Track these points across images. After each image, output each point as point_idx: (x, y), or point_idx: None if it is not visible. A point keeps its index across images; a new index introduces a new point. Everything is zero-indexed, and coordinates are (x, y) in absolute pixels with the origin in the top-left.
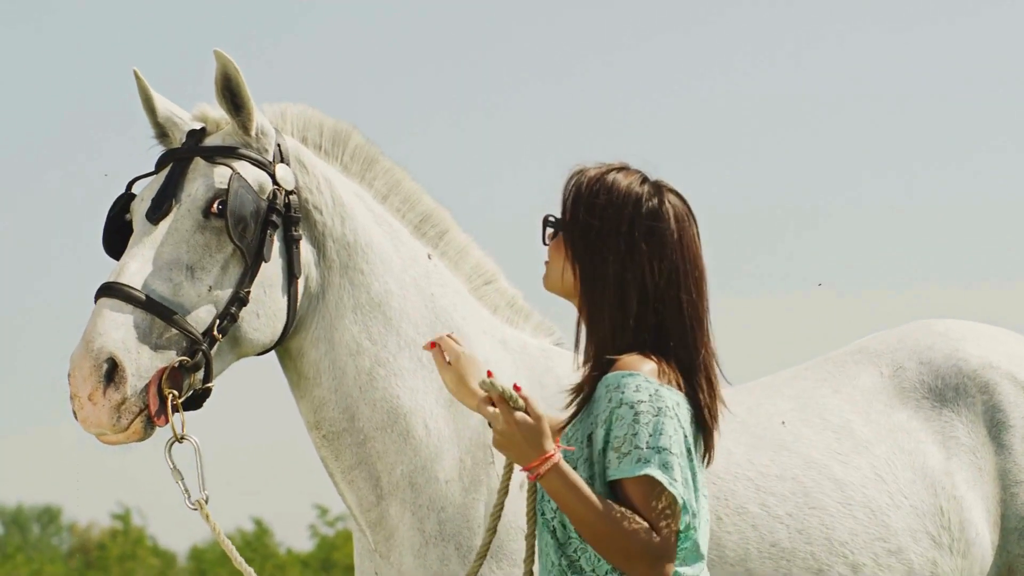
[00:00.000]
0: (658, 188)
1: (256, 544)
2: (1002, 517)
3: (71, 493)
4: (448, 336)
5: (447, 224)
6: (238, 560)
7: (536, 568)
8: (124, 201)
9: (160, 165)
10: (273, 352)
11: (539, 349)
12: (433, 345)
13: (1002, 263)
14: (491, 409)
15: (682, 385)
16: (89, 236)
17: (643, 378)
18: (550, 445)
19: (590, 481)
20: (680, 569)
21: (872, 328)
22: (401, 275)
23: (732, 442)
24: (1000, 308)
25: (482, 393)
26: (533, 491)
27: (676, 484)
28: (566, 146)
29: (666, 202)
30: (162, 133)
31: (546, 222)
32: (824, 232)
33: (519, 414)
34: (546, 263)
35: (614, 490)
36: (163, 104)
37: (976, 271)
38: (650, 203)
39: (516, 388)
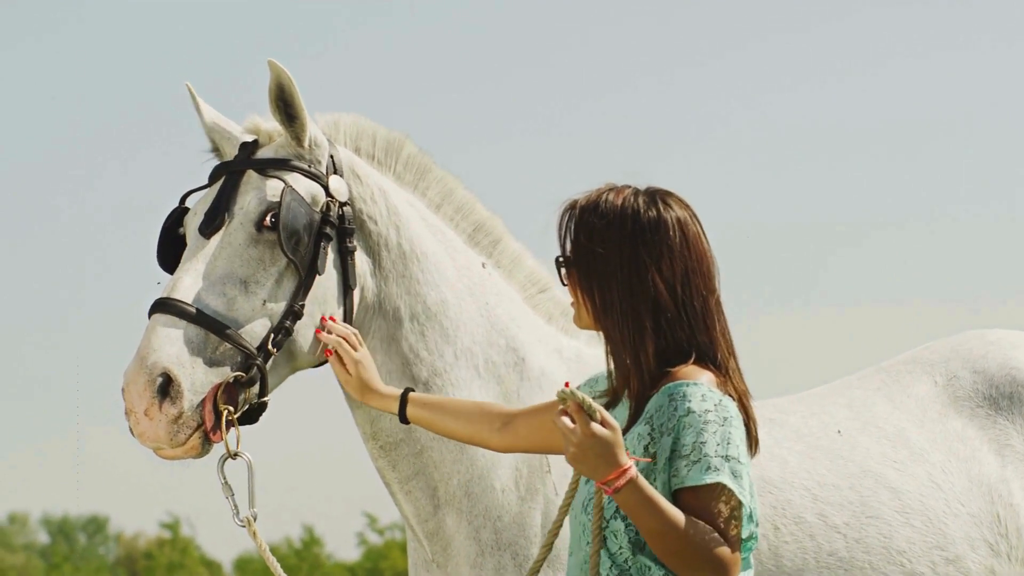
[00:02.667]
0: (653, 197)
1: (304, 553)
2: None
3: (118, 503)
4: (341, 331)
5: (500, 233)
6: None
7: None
8: (177, 215)
9: (213, 178)
10: (328, 362)
11: (595, 358)
12: (329, 353)
13: None
14: (567, 422)
15: (734, 393)
16: (148, 237)
17: (706, 387)
18: (625, 458)
19: None
20: None
21: (923, 340)
22: (456, 284)
23: (788, 451)
24: None
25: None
26: (600, 506)
27: (745, 493)
28: (615, 159)
29: (664, 209)
30: (213, 146)
31: (557, 263)
32: (876, 247)
33: (595, 426)
34: (572, 304)
35: (678, 499)
36: (209, 116)
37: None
38: (649, 214)
39: (590, 400)
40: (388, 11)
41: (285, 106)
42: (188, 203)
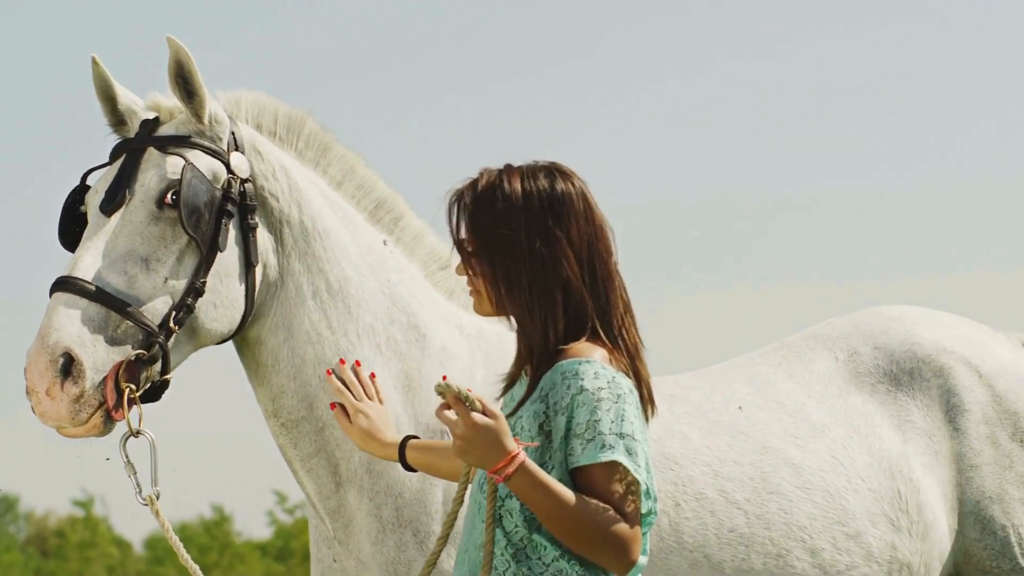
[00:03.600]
0: (550, 172)
1: (216, 531)
2: (958, 501)
3: (29, 481)
4: (349, 378)
5: (402, 210)
6: (184, 556)
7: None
8: (78, 193)
9: (114, 156)
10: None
11: (495, 334)
12: (334, 406)
13: (953, 253)
14: (450, 415)
15: (628, 367)
16: (43, 231)
17: (599, 365)
18: (512, 444)
19: (544, 469)
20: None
21: (824, 316)
22: (358, 261)
23: (688, 427)
24: (950, 297)
25: (392, 439)
26: (493, 495)
27: (640, 470)
28: (532, 140)
29: (564, 182)
30: (119, 122)
31: (460, 250)
32: (780, 225)
33: (477, 416)
34: (471, 292)
35: (574, 477)
36: (123, 93)
37: (926, 262)
38: (555, 189)
39: (468, 391)
40: None
41: (184, 83)
42: (89, 181)
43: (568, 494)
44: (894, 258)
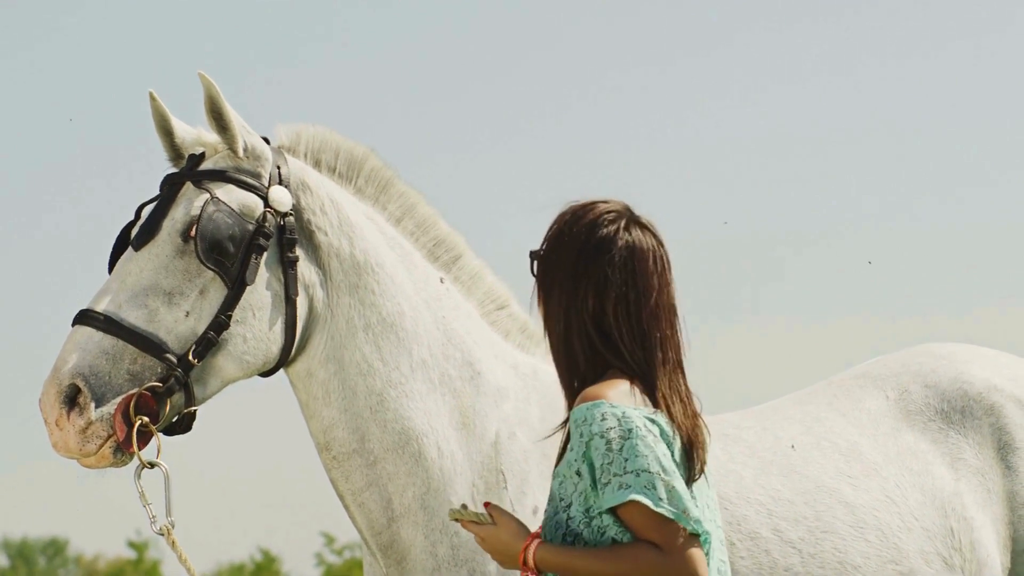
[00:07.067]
0: (620, 218)
1: (264, 573)
2: (1011, 539)
3: (78, 524)
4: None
5: (461, 249)
6: None
7: None
8: (130, 226)
9: (160, 190)
10: (286, 378)
11: (550, 375)
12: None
13: (998, 288)
14: (478, 543)
15: (653, 403)
16: (93, 268)
17: (607, 405)
18: (525, 534)
19: (588, 515)
20: None
21: (868, 354)
22: (413, 297)
23: (741, 466)
24: (997, 333)
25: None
26: None
27: (663, 503)
28: (579, 176)
29: (622, 232)
30: (178, 155)
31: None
32: (820, 260)
33: (486, 527)
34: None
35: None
36: (181, 127)
37: (972, 296)
38: (603, 231)
39: (485, 505)
40: (383, 18)
41: (218, 117)
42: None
43: (596, 555)
44: (939, 294)
